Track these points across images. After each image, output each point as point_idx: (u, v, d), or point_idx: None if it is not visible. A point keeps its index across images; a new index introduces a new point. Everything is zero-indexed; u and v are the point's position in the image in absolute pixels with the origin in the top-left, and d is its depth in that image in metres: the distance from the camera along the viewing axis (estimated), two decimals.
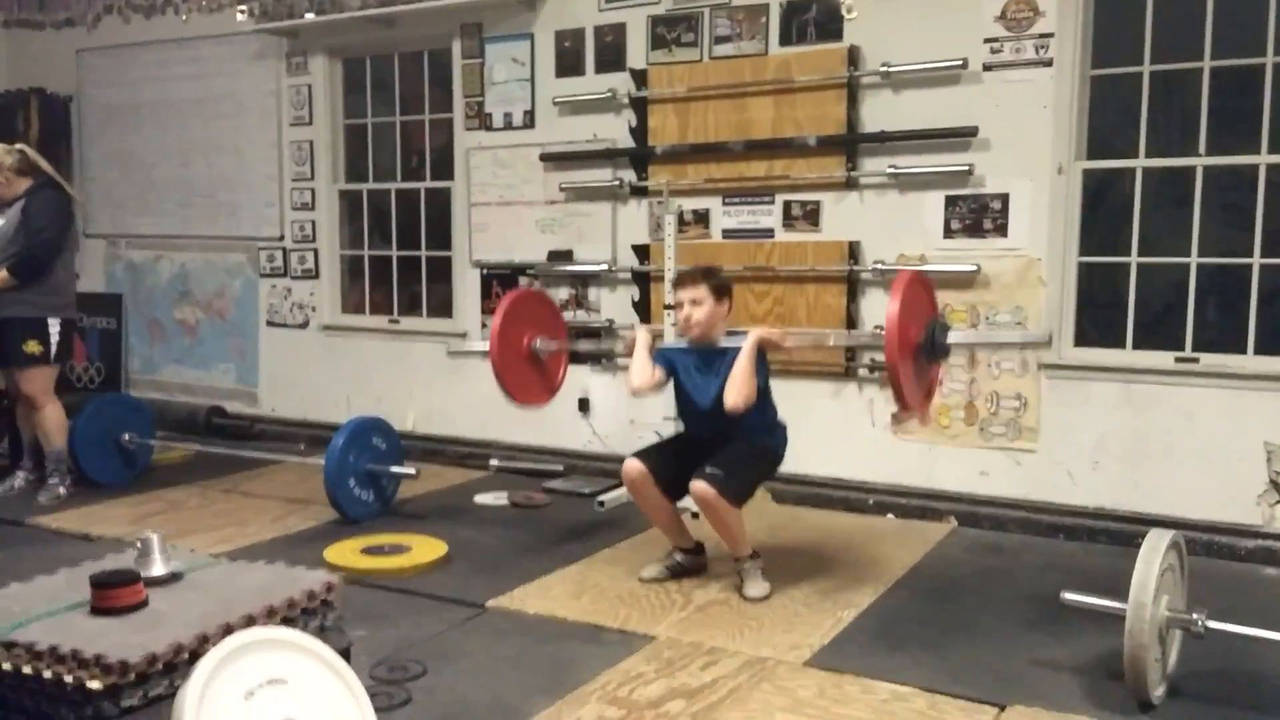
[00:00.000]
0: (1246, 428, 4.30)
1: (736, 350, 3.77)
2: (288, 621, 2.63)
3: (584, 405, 5.73)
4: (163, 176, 7.21)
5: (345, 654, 2.62)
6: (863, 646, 3.36)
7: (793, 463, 5.03)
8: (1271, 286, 4.36)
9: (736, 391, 3.67)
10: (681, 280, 3.90)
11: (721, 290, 3.86)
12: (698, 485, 3.65)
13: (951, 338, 3.67)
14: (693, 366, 3.91)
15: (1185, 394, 4.42)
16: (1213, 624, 2.92)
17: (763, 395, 3.82)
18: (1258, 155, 4.32)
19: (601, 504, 5.01)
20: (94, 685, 2.23)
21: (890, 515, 4.89)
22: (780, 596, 3.80)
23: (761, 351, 3.81)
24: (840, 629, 3.50)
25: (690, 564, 4.00)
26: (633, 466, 3.86)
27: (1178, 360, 4.47)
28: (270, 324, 6.88)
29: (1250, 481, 4.31)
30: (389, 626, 3.50)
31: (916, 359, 3.55)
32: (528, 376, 4.43)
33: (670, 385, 4.00)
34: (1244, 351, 4.38)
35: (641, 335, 3.97)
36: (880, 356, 4.94)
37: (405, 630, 3.47)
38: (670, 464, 3.86)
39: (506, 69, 5.84)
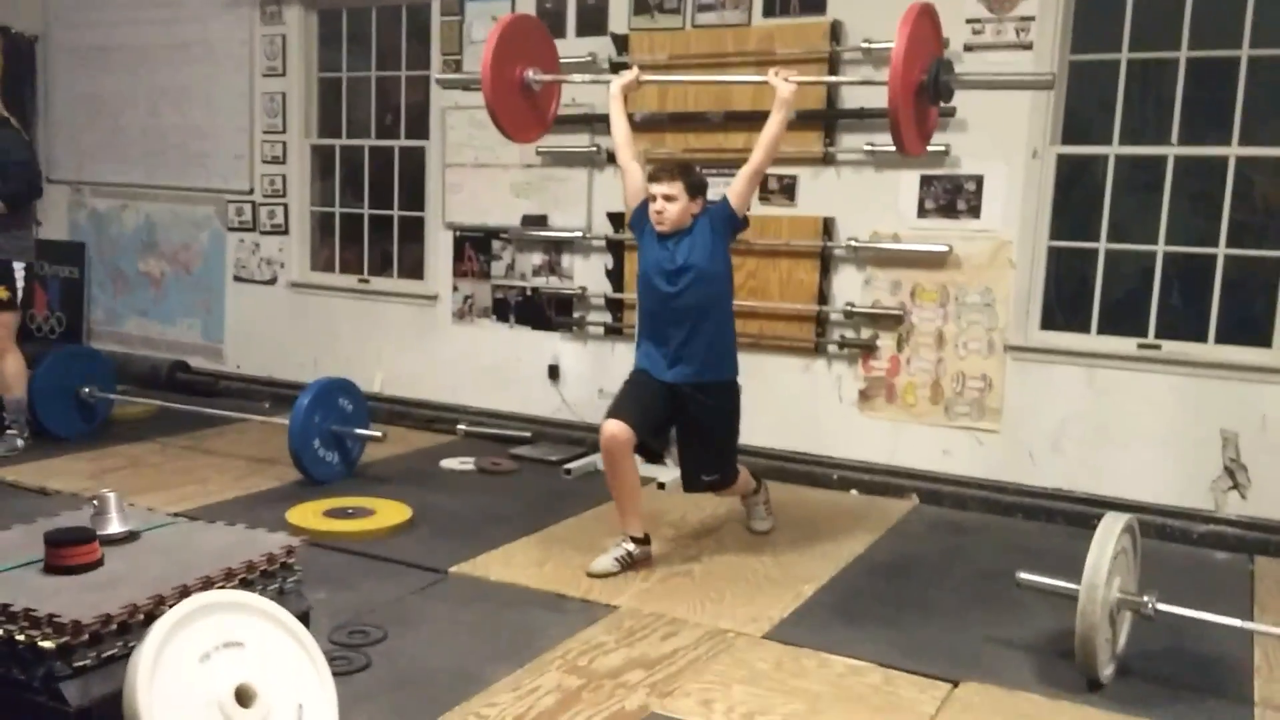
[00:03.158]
0: (1204, 415, 4.37)
1: (703, 222, 3.77)
2: (246, 584, 2.62)
3: (554, 372, 5.72)
4: (130, 123, 7.07)
5: (304, 618, 2.62)
6: (821, 621, 3.40)
7: (759, 436, 5.08)
8: (1234, 277, 4.42)
9: (763, 155, 3.71)
10: (658, 175, 3.78)
11: (696, 189, 3.79)
12: (705, 492, 3.95)
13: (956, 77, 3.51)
14: (655, 237, 3.80)
15: (1146, 380, 4.48)
16: (1163, 606, 2.98)
17: (726, 301, 3.85)
18: (1228, 147, 4.35)
19: (569, 472, 5.03)
20: (46, 645, 2.21)
21: (854, 491, 4.94)
22: (741, 569, 3.83)
23: (730, 227, 3.80)
24: (800, 603, 3.53)
25: (640, 555, 3.81)
26: (619, 430, 3.69)
27: (1140, 346, 4.52)
28: (238, 279, 6.79)
29: (1205, 467, 4.39)
30: (350, 590, 3.49)
31: (919, 100, 3.42)
32: (520, 110, 4.13)
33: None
34: (1205, 340, 4.44)
35: (616, 92, 3.93)
36: (850, 334, 4.97)
37: (366, 594, 3.47)
38: (649, 424, 3.84)
39: (486, 27, 5.73)
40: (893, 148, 4.68)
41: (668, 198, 3.73)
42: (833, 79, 4.79)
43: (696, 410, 3.80)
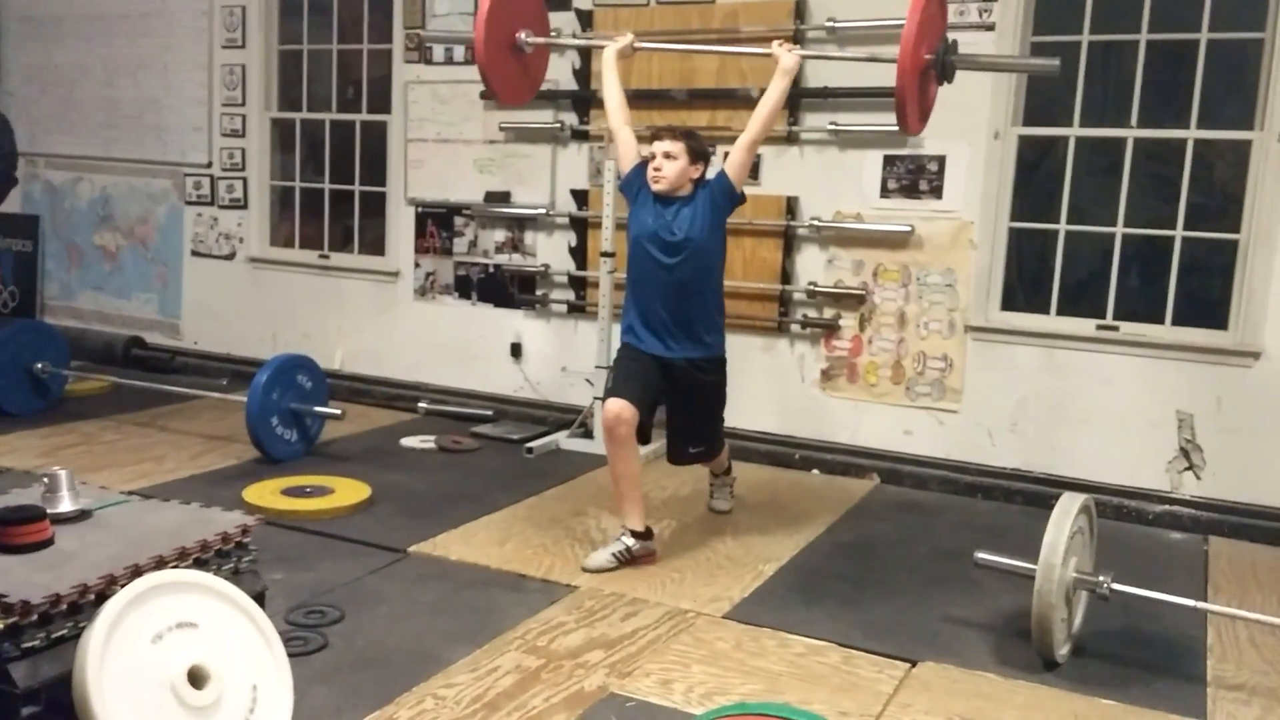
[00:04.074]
0: (1160, 396, 4.43)
1: (703, 194, 3.67)
2: (200, 564, 2.58)
3: (516, 350, 5.69)
4: (86, 94, 6.92)
5: (259, 598, 2.59)
6: (781, 600, 3.41)
7: None
8: (1191, 259, 4.47)
9: (760, 125, 3.64)
10: (660, 133, 3.70)
11: (699, 155, 3.68)
12: (692, 464, 4.03)
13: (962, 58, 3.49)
14: (651, 201, 3.70)
15: (1104, 361, 4.53)
16: (1118, 586, 3.02)
17: (719, 276, 3.80)
18: (1186, 130, 4.39)
19: (530, 451, 5.01)
20: None
21: (815, 471, 4.96)
22: (703, 549, 3.84)
23: (730, 200, 3.70)
24: (760, 583, 3.55)
25: (640, 551, 3.61)
26: (623, 409, 3.56)
27: (1099, 328, 4.57)
28: (195, 254, 6.68)
29: (1161, 448, 4.45)
30: (307, 570, 3.46)
31: (923, 79, 3.42)
32: (512, 72, 4.07)
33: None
34: (1162, 322, 4.49)
35: (611, 57, 3.85)
36: (813, 313, 4.97)
37: (324, 574, 3.44)
38: (649, 402, 3.69)
39: (449, 1, 5.68)
40: (856, 127, 4.78)
41: (668, 155, 3.63)
42: (836, 54, 4.74)
43: (690, 385, 3.75)
